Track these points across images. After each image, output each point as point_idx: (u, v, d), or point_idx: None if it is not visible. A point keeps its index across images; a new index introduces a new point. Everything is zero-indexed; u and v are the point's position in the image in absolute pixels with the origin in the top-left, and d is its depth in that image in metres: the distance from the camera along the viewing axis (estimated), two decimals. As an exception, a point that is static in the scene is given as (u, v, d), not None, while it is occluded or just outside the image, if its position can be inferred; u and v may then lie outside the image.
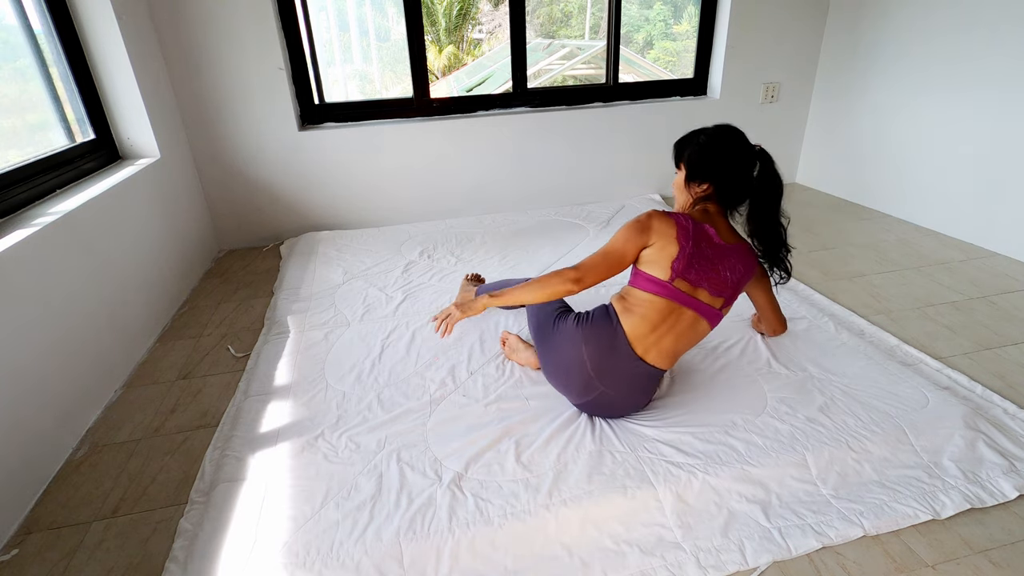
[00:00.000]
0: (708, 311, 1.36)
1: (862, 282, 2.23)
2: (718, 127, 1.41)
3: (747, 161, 1.36)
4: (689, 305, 1.34)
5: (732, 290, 1.38)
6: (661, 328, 1.35)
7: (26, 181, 1.75)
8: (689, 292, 1.33)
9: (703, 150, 1.39)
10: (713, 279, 1.34)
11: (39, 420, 1.45)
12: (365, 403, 1.57)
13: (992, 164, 2.40)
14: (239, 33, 2.50)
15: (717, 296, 1.36)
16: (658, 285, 1.33)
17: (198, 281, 2.52)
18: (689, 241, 1.32)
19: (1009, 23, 2.26)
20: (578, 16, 6.62)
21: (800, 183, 3.48)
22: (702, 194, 1.40)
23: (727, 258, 1.36)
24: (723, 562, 1.13)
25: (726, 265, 1.35)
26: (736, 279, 1.37)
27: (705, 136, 1.40)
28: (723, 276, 1.35)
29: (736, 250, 1.38)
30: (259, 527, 1.21)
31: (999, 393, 1.56)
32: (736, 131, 1.39)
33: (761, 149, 1.38)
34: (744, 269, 1.38)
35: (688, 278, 1.33)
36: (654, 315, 1.34)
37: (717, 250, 1.35)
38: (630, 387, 1.40)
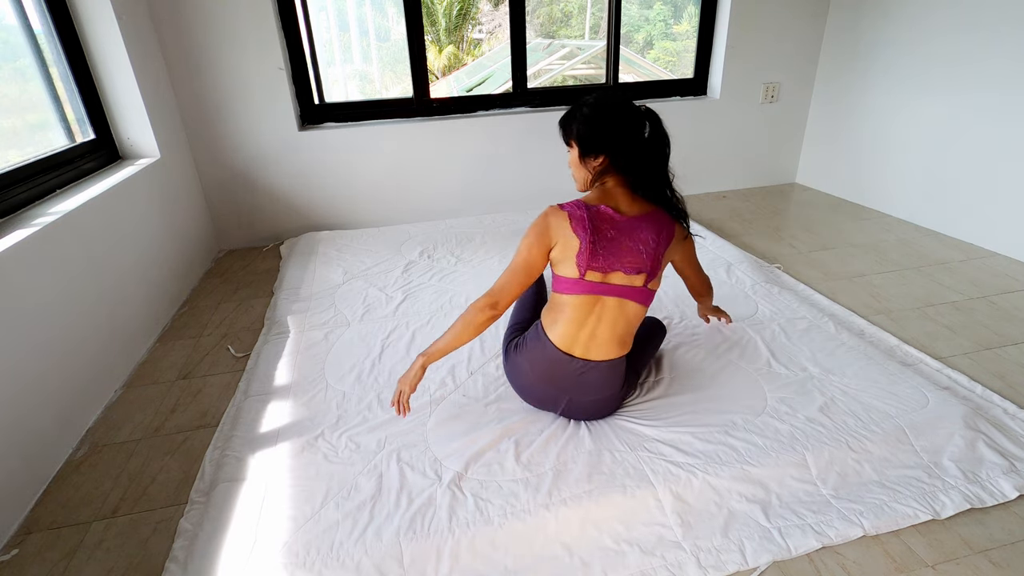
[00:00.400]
0: (630, 292, 1.31)
1: (862, 282, 2.23)
2: (599, 95, 1.31)
3: (636, 124, 1.28)
4: (608, 293, 1.30)
5: (650, 264, 1.29)
6: (589, 322, 1.32)
7: (26, 181, 1.75)
8: (603, 280, 1.29)
9: (589, 122, 1.29)
10: (624, 259, 1.28)
11: (39, 420, 1.45)
12: (365, 403, 1.57)
13: (992, 164, 2.40)
14: (239, 33, 2.50)
15: (635, 274, 1.29)
16: (572, 284, 1.30)
17: (198, 281, 2.52)
18: (587, 231, 1.26)
19: (1009, 24, 2.26)
20: (578, 16, 6.62)
21: (800, 183, 3.49)
22: (599, 167, 1.32)
23: (635, 232, 1.28)
24: (723, 562, 1.13)
25: (635, 240, 1.28)
26: (651, 251, 1.29)
27: (588, 107, 1.30)
28: (634, 252, 1.28)
29: (643, 220, 1.30)
30: (259, 527, 1.21)
31: (999, 393, 1.56)
32: (618, 96, 1.32)
33: (647, 109, 1.29)
34: (657, 237, 1.29)
35: (596, 267, 1.27)
36: (578, 314, 1.31)
37: (621, 228, 1.28)
38: (592, 387, 1.38)
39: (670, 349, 1.75)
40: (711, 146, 3.29)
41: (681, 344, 1.77)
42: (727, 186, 3.44)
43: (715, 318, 1.81)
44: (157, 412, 1.67)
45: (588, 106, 1.30)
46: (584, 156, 1.33)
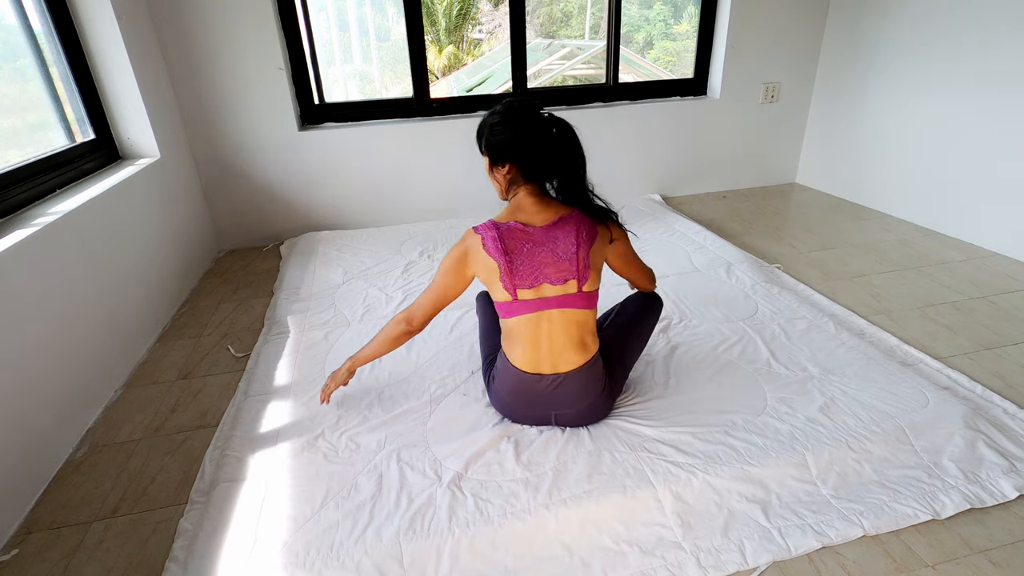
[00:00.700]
0: (568, 300, 1.27)
1: (862, 282, 2.23)
2: (506, 104, 1.28)
3: (539, 132, 1.23)
4: (547, 306, 1.27)
5: (576, 269, 1.25)
6: (542, 339, 1.30)
7: (26, 181, 1.75)
8: (536, 296, 1.27)
9: (494, 131, 1.26)
10: (547, 270, 1.25)
11: (39, 420, 1.45)
12: (365, 403, 1.57)
13: (992, 164, 2.40)
14: (239, 33, 2.50)
15: (564, 283, 1.26)
16: (509, 307, 1.29)
17: (198, 281, 2.52)
18: (501, 251, 1.24)
19: (1009, 24, 2.26)
20: (578, 16, 6.62)
21: (800, 183, 3.49)
22: (508, 176, 1.29)
23: (551, 241, 1.25)
24: (723, 562, 1.13)
25: (553, 249, 1.25)
26: (572, 256, 1.24)
27: (494, 116, 1.27)
28: (555, 262, 1.25)
29: (558, 227, 1.26)
30: (259, 527, 1.21)
31: (999, 393, 1.56)
32: (524, 103, 1.27)
33: (551, 115, 1.25)
34: (577, 240, 1.25)
35: (523, 285, 1.26)
36: (528, 334, 1.30)
37: (536, 240, 1.25)
38: (573, 397, 1.36)
39: (670, 349, 1.75)
40: (711, 146, 3.29)
41: (681, 344, 1.77)
42: (727, 186, 3.45)
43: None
44: (157, 412, 1.67)
45: (495, 114, 1.28)
46: (492, 165, 1.30)
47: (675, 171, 3.32)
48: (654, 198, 3.22)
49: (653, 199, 3.20)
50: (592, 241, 1.27)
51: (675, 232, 2.67)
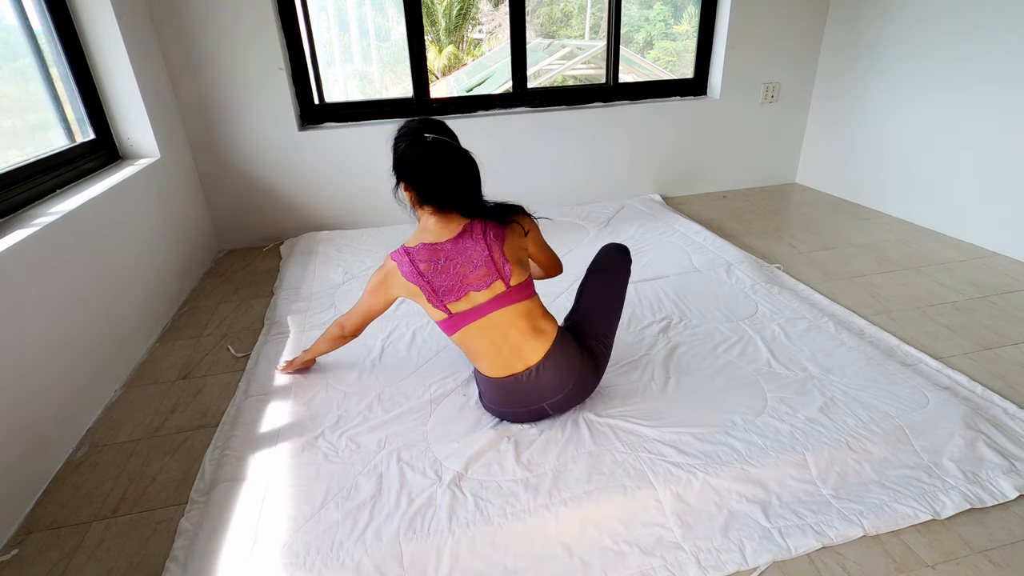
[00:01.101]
0: (501, 300, 1.28)
1: (862, 282, 2.23)
2: (402, 125, 1.30)
3: (421, 157, 1.24)
4: (484, 312, 1.29)
5: (496, 270, 1.27)
6: (497, 343, 1.32)
7: (26, 181, 1.75)
8: (469, 306, 1.29)
9: (393, 152, 1.30)
10: (468, 280, 1.27)
11: (39, 420, 1.45)
12: (365, 403, 1.57)
13: (992, 164, 2.40)
14: (239, 33, 2.50)
15: (490, 287, 1.27)
16: (449, 323, 1.32)
17: (198, 281, 2.52)
18: (418, 274, 1.28)
19: (1009, 23, 2.26)
20: (578, 16, 6.62)
21: (800, 183, 3.49)
22: (411, 197, 1.32)
23: (462, 253, 1.27)
24: (723, 562, 1.13)
25: (467, 259, 1.27)
26: (487, 259, 1.27)
27: (395, 137, 1.31)
28: (474, 271, 1.27)
29: (465, 237, 1.28)
30: (259, 527, 1.21)
31: (999, 393, 1.56)
32: (413, 126, 1.27)
33: (434, 139, 1.24)
34: (486, 243, 1.27)
35: (452, 299, 1.28)
36: (482, 343, 1.33)
37: (447, 254, 1.28)
38: (555, 382, 1.35)
39: (670, 349, 1.75)
40: (711, 146, 3.29)
41: (681, 344, 1.77)
42: (727, 186, 3.45)
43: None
44: (157, 412, 1.67)
45: (396, 135, 1.30)
46: (396, 186, 1.34)
47: (675, 171, 3.32)
48: (654, 198, 3.22)
49: (653, 199, 3.20)
50: (502, 240, 1.29)
51: (675, 232, 2.67)
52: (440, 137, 1.25)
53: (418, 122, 1.28)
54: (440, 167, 1.24)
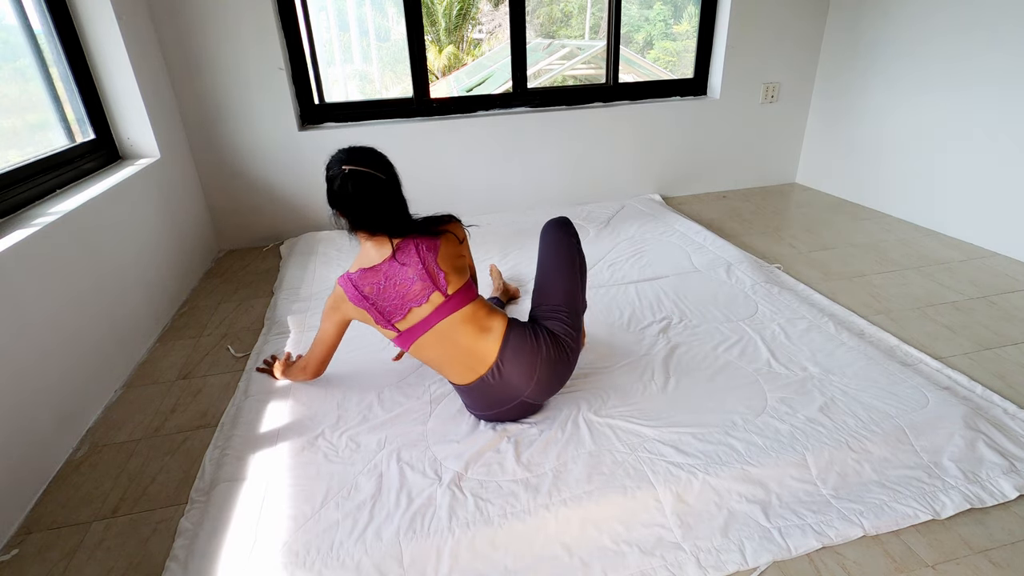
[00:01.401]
0: (441, 311, 1.31)
1: (862, 282, 2.23)
2: (333, 155, 1.32)
3: (339, 188, 1.27)
4: (431, 324, 1.32)
5: (432, 282, 1.30)
6: (451, 352, 1.35)
7: (26, 181, 1.75)
8: (415, 321, 1.32)
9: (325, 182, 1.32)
10: (408, 298, 1.30)
11: (39, 420, 1.45)
12: (365, 403, 1.57)
13: (992, 164, 2.40)
14: (239, 33, 2.50)
15: (429, 299, 1.30)
16: (401, 340, 1.35)
17: (198, 281, 2.52)
18: (363, 298, 1.32)
19: (1009, 23, 2.26)
20: (578, 16, 6.62)
21: (800, 183, 3.49)
22: (346, 224, 1.34)
23: (398, 272, 1.30)
24: (723, 562, 1.13)
25: (403, 278, 1.30)
26: (423, 274, 1.30)
27: (325, 167, 1.34)
28: (412, 288, 1.30)
29: (400, 254, 1.31)
30: (259, 527, 1.21)
31: (999, 393, 1.56)
32: (337, 156, 1.30)
33: (351, 171, 1.26)
34: (420, 257, 1.30)
35: (398, 317, 1.31)
36: (435, 353, 1.36)
37: (386, 274, 1.31)
38: (523, 373, 1.35)
39: (670, 349, 1.75)
40: (711, 146, 3.29)
41: (681, 344, 1.77)
42: (727, 186, 3.45)
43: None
44: (157, 412, 1.67)
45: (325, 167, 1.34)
46: (332, 214, 1.35)
47: (675, 171, 3.32)
48: (654, 198, 3.22)
49: (653, 199, 3.20)
50: (435, 251, 1.32)
51: (675, 232, 2.67)
52: (357, 168, 1.26)
53: (342, 152, 1.30)
54: (360, 196, 1.27)
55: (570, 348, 1.40)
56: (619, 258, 2.42)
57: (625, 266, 2.35)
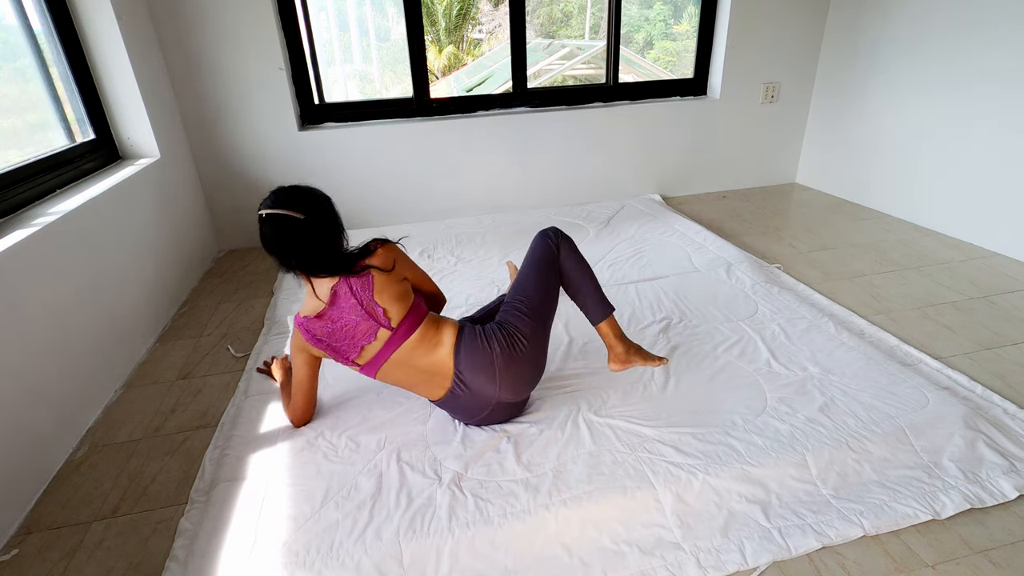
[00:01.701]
0: (393, 342, 1.30)
1: (862, 282, 2.23)
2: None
3: (265, 231, 1.25)
4: (384, 357, 1.32)
5: (374, 318, 1.28)
6: (413, 375, 1.35)
7: (26, 181, 1.75)
8: (370, 355, 1.32)
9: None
10: (356, 335, 1.29)
11: (39, 420, 1.45)
12: (365, 403, 1.57)
13: (992, 164, 2.40)
14: (239, 33, 2.50)
15: (377, 335, 1.29)
16: (367, 370, 1.34)
17: (198, 281, 2.52)
18: (317, 340, 1.31)
19: (1010, 22, 2.26)
20: (578, 16, 6.62)
21: (800, 183, 3.49)
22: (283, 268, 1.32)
23: (340, 313, 1.29)
24: (723, 562, 1.13)
25: (345, 322, 1.29)
26: (362, 313, 1.28)
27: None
28: (357, 324, 1.29)
29: (337, 299, 1.28)
30: (259, 526, 1.21)
31: (999, 393, 1.56)
32: (265, 198, 1.27)
33: (267, 214, 1.23)
34: (357, 299, 1.28)
35: (354, 354, 1.31)
36: (400, 377, 1.36)
37: (330, 317, 1.29)
38: (483, 377, 1.33)
39: (670, 349, 1.75)
40: (711, 146, 3.29)
41: (680, 344, 1.77)
42: (727, 186, 3.45)
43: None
44: (157, 412, 1.67)
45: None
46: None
47: (675, 171, 3.32)
48: (654, 198, 3.22)
49: (653, 199, 3.20)
50: (370, 288, 1.29)
51: (675, 232, 2.67)
52: (273, 211, 1.23)
53: (270, 194, 1.27)
54: (278, 240, 1.25)
55: (522, 337, 1.35)
56: (619, 258, 2.42)
57: (625, 266, 2.35)
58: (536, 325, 1.38)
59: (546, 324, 1.42)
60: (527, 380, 1.40)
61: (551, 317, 1.45)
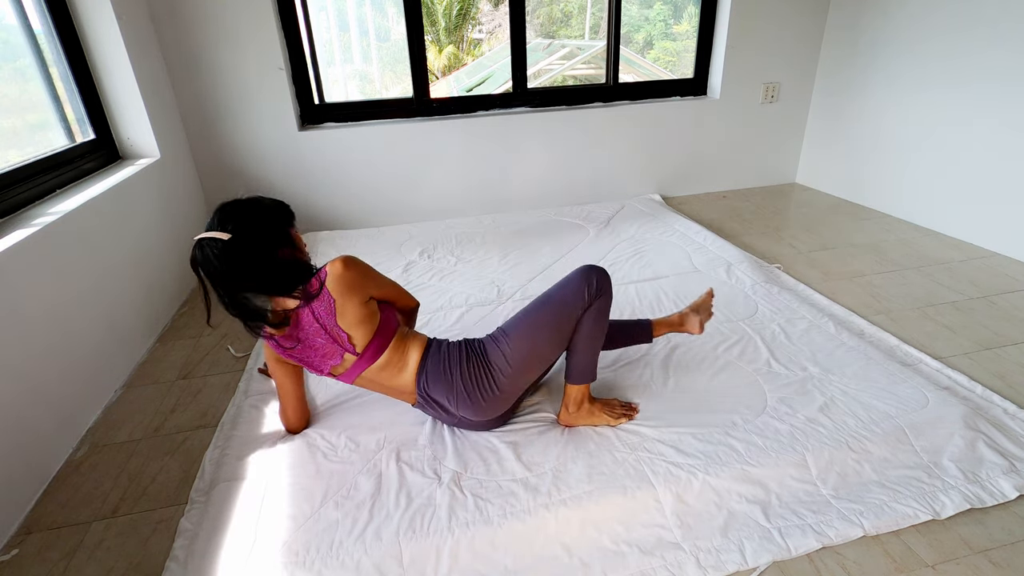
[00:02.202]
0: (359, 365, 1.28)
1: (862, 282, 2.23)
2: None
3: (192, 255, 1.19)
4: (354, 374, 1.30)
5: (339, 343, 1.25)
6: (385, 390, 1.36)
7: (26, 181, 1.75)
8: (341, 372, 1.30)
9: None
10: (325, 354, 1.26)
11: (39, 420, 1.45)
12: (365, 403, 1.57)
13: (992, 164, 2.40)
14: (239, 33, 2.50)
15: (343, 358, 1.27)
16: (344, 378, 1.33)
17: (198, 281, 2.52)
18: (288, 353, 1.28)
19: (1010, 20, 2.26)
20: (578, 16, 6.62)
21: (800, 183, 3.48)
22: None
23: (308, 332, 1.24)
24: (723, 562, 1.13)
25: (315, 337, 1.25)
26: (327, 337, 1.24)
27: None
28: (322, 345, 1.25)
29: (302, 316, 1.23)
30: (259, 526, 1.21)
31: (999, 393, 1.56)
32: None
33: (202, 240, 1.16)
34: (320, 324, 1.23)
35: (325, 370, 1.30)
36: (375, 387, 1.36)
37: (297, 335, 1.25)
38: (447, 400, 1.31)
39: (670, 349, 1.75)
40: (711, 146, 3.29)
41: (680, 344, 1.77)
42: (727, 186, 3.44)
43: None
44: (157, 412, 1.67)
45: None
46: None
47: (675, 171, 3.32)
48: (654, 198, 3.22)
49: (653, 199, 3.20)
50: (332, 313, 1.22)
51: (675, 232, 2.67)
52: (205, 237, 1.14)
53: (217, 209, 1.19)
54: (222, 270, 1.17)
55: (491, 382, 1.29)
56: (619, 258, 2.42)
57: (625, 266, 2.35)
58: (515, 378, 1.30)
59: (527, 378, 1.34)
60: (483, 415, 1.34)
61: (536, 373, 1.36)
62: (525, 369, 1.32)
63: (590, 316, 1.31)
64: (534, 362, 1.33)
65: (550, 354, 1.35)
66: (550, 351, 1.34)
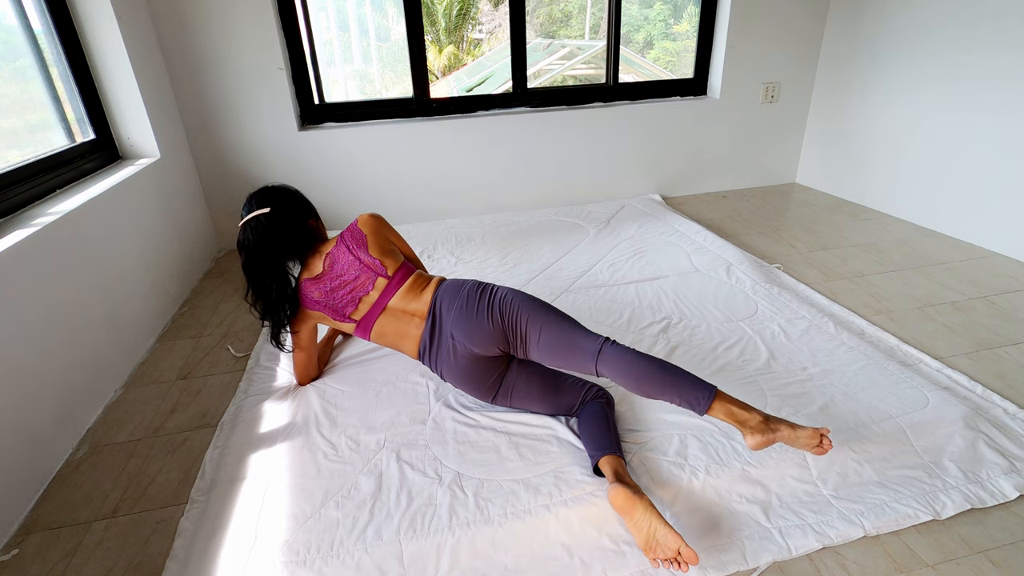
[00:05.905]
0: (389, 291, 1.43)
1: (862, 282, 2.23)
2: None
3: (243, 237, 1.45)
4: (381, 306, 1.43)
5: (371, 268, 1.43)
6: (403, 320, 1.43)
7: (26, 181, 1.75)
8: (367, 307, 1.44)
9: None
10: (356, 288, 1.43)
11: (39, 420, 1.45)
12: (365, 402, 1.57)
13: (992, 164, 2.40)
14: (239, 33, 2.50)
15: (375, 284, 1.43)
16: (360, 329, 1.46)
17: (198, 281, 2.52)
18: (314, 302, 1.46)
19: (1011, 19, 2.26)
20: (578, 16, 6.62)
21: (800, 183, 3.49)
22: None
23: (341, 269, 1.44)
24: (723, 562, 1.13)
25: (347, 270, 1.44)
26: (357, 265, 1.43)
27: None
28: (354, 279, 1.43)
29: (332, 257, 1.46)
30: (259, 526, 1.21)
31: (999, 393, 1.56)
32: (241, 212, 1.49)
33: (242, 225, 1.46)
34: (351, 252, 1.44)
35: (352, 308, 1.44)
36: (392, 329, 1.44)
37: (329, 276, 1.45)
38: (449, 315, 1.37)
39: (670, 349, 1.75)
40: (711, 146, 3.29)
41: (681, 344, 1.77)
42: (727, 186, 3.45)
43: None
44: (157, 412, 1.67)
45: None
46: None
47: (675, 171, 3.32)
48: (654, 198, 3.22)
49: (653, 199, 3.20)
50: (364, 244, 1.46)
51: (675, 232, 2.67)
52: (250, 218, 1.43)
53: (244, 206, 1.47)
54: (261, 238, 1.42)
55: (490, 295, 1.37)
56: (619, 258, 2.42)
57: (625, 266, 2.35)
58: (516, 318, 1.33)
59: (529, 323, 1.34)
60: (479, 321, 1.34)
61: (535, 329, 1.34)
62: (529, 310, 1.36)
63: (590, 406, 1.41)
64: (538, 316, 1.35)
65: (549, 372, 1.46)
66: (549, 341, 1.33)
